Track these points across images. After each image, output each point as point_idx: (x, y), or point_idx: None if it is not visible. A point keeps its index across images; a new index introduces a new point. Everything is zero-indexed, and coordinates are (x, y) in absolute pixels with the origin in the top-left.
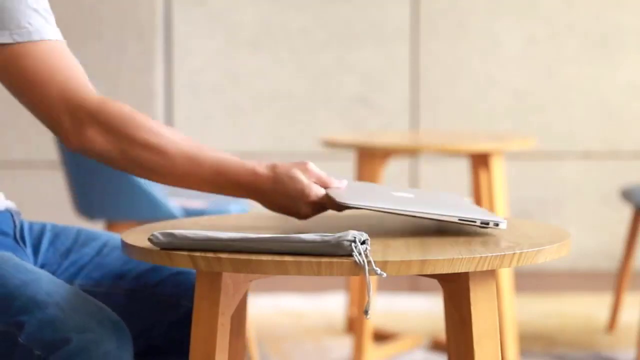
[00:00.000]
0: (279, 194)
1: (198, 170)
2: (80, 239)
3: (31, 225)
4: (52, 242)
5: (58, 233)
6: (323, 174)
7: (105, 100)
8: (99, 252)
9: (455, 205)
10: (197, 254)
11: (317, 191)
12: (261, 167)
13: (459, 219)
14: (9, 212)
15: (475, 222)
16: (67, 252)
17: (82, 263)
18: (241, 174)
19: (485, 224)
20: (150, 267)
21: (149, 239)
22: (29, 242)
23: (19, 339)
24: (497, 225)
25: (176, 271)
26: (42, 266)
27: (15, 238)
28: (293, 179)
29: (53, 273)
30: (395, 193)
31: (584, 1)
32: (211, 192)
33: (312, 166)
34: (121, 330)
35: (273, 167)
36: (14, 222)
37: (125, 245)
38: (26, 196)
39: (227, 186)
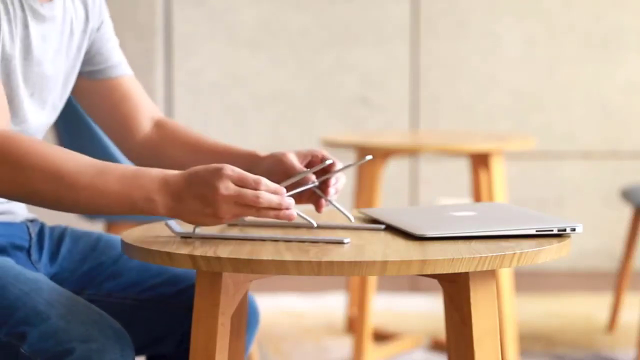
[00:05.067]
0: (194, 186)
1: (101, 182)
2: (98, 247)
3: (52, 229)
4: (70, 249)
5: (77, 239)
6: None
7: None
8: (114, 261)
9: (520, 216)
10: (198, 253)
11: (229, 186)
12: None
13: (537, 231)
14: (25, 225)
15: (552, 230)
16: (83, 260)
17: (96, 273)
18: (152, 172)
19: (562, 230)
20: (166, 279)
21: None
22: (47, 247)
23: (21, 349)
24: (573, 230)
25: (192, 284)
26: (57, 273)
27: (29, 252)
28: (211, 172)
29: (66, 279)
30: (455, 213)
31: (584, 1)
32: (118, 208)
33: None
34: (124, 339)
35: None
36: (30, 234)
37: (125, 245)
38: None
39: (136, 190)
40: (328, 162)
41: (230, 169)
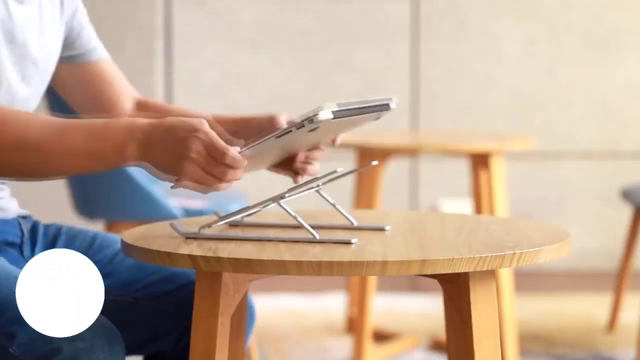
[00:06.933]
0: (167, 142)
1: (68, 142)
2: (94, 246)
3: (47, 228)
4: (65, 247)
5: (73, 237)
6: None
7: None
8: (111, 260)
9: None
10: (197, 253)
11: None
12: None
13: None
14: (16, 221)
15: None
16: None
17: None
18: (121, 122)
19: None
20: (162, 277)
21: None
22: (42, 245)
23: (10, 349)
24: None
25: (189, 281)
26: None
27: (21, 248)
28: (187, 130)
29: None
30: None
31: (584, 1)
32: (88, 164)
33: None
34: (114, 338)
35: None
36: (22, 230)
37: (125, 245)
38: (26, 196)
39: (104, 143)
40: (339, 170)
41: (204, 134)
